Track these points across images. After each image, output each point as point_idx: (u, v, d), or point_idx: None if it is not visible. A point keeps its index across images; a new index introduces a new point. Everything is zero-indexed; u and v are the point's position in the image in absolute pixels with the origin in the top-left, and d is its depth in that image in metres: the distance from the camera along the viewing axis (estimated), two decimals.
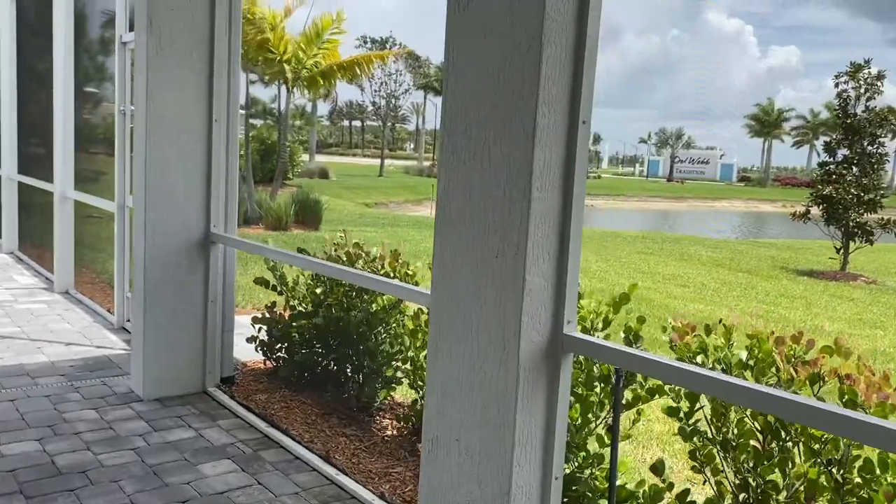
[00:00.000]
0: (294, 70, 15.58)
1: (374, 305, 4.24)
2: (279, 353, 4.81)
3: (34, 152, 8.52)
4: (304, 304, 4.71)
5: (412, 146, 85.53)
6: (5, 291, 6.95)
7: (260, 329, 4.86)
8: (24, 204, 8.95)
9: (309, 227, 15.31)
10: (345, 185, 34.91)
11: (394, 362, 4.26)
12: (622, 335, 2.90)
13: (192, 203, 4.36)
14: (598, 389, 2.90)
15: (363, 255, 4.47)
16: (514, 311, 2.22)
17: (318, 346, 4.56)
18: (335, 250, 4.54)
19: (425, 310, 3.74)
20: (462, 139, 2.35)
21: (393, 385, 4.30)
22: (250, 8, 14.76)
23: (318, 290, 4.54)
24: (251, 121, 29.92)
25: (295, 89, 16.65)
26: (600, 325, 2.99)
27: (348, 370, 4.42)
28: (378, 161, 50.90)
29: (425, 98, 67.63)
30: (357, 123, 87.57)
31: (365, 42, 60.77)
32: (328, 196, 25.27)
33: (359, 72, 17.58)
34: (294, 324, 4.65)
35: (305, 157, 37.52)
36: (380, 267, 4.34)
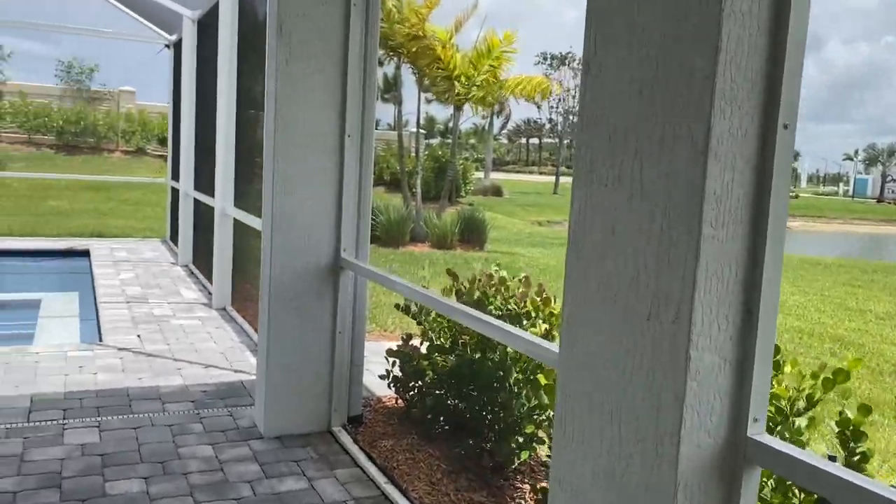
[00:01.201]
0: (464, 87, 15.37)
1: (509, 348, 3.63)
2: (412, 393, 4.32)
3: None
4: (442, 338, 4.19)
5: None
6: (168, 306, 7.08)
7: (394, 363, 4.41)
8: (199, 218, 9.28)
9: (473, 245, 14.98)
10: (517, 202, 34.52)
11: (534, 416, 3.61)
12: (833, 425, 2.07)
13: (321, 225, 3.99)
14: None
15: (502, 289, 3.87)
16: (672, 400, 1.53)
17: (450, 388, 4.01)
18: (473, 285, 3.98)
19: None
20: (602, 153, 1.70)
21: (533, 444, 3.65)
22: (422, 25, 14.75)
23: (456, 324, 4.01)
24: (428, 140, 30.42)
25: (466, 107, 16.46)
26: (802, 407, 2.18)
27: (482, 420, 3.83)
28: (553, 178, 50.18)
29: None
30: (534, 141, 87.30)
31: (545, 59, 60.44)
32: (500, 214, 24.97)
33: (530, 91, 17.08)
34: (427, 360, 4.14)
35: (479, 174, 37.62)
36: (521, 305, 3.72)
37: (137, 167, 22.80)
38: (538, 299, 3.70)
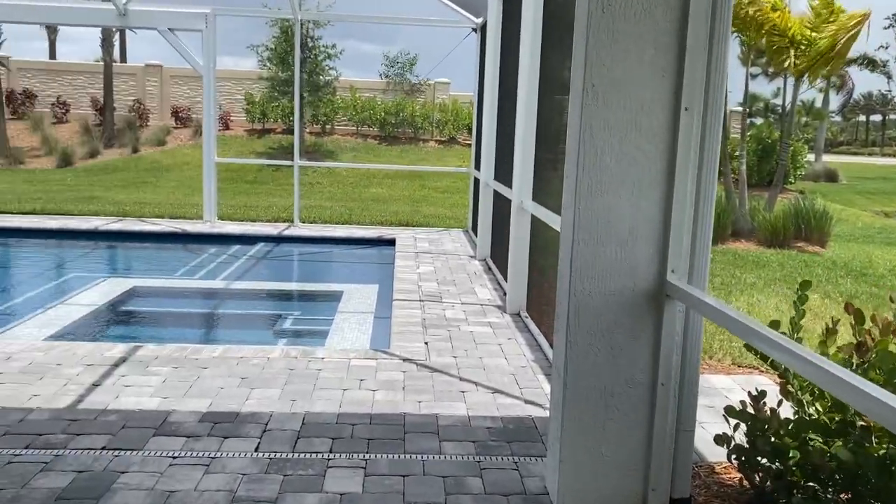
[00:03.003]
0: (801, 55, 12.91)
1: None
2: (763, 476, 3.04)
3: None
4: (819, 406, 2.86)
5: None
6: (460, 308, 6.50)
7: (736, 426, 3.17)
8: (498, 210, 8.68)
9: (813, 243, 12.55)
10: (857, 189, 29.54)
11: None
12: None
13: (640, 236, 2.89)
14: None
15: None
16: None
17: (835, 490, 2.67)
18: (888, 334, 2.57)
19: None
20: None
21: None
22: None
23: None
24: (751, 119, 27.24)
25: (801, 79, 13.93)
26: None
27: None
28: None
29: None
30: (876, 118, 75.38)
31: None
32: (836, 203, 21.32)
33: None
34: (794, 438, 2.84)
35: (811, 157, 33.00)
36: None
37: (448, 156, 23.50)
38: None
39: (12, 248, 9.83)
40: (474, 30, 10.87)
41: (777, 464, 2.94)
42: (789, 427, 2.90)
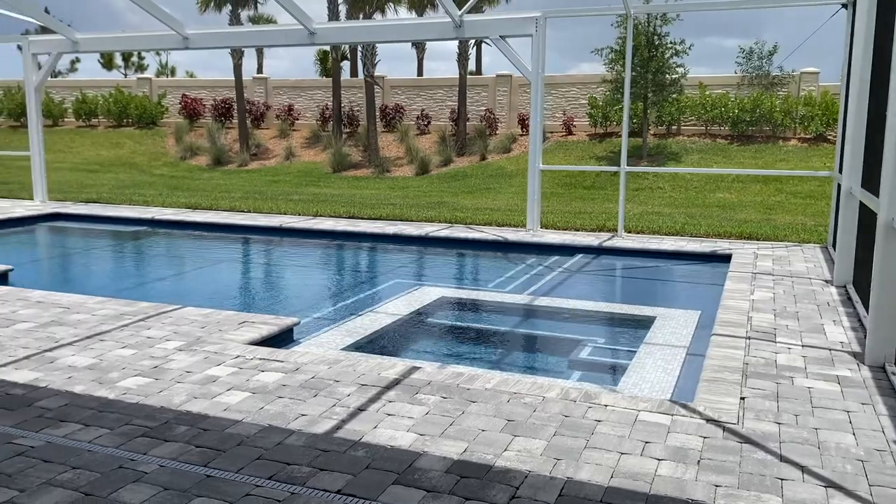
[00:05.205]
0: None
1: None
2: None
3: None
4: None
5: None
6: (798, 352, 5.16)
7: None
8: (864, 226, 6.93)
9: None
10: None
11: None
12: None
13: None
14: None
15: None
16: None
17: None
18: None
19: None
20: None
21: None
22: None
23: None
24: None
25: None
26: None
27: None
28: None
29: None
30: None
31: None
32: None
33: None
34: None
35: None
36: None
37: (814, 156, 20.48)
38: None
39: (353, 253, 10.67)
40: (844, 5, 8.97)
41: None
42: None
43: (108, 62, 52.92)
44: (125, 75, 49.97)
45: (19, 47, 13.91)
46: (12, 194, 15.65)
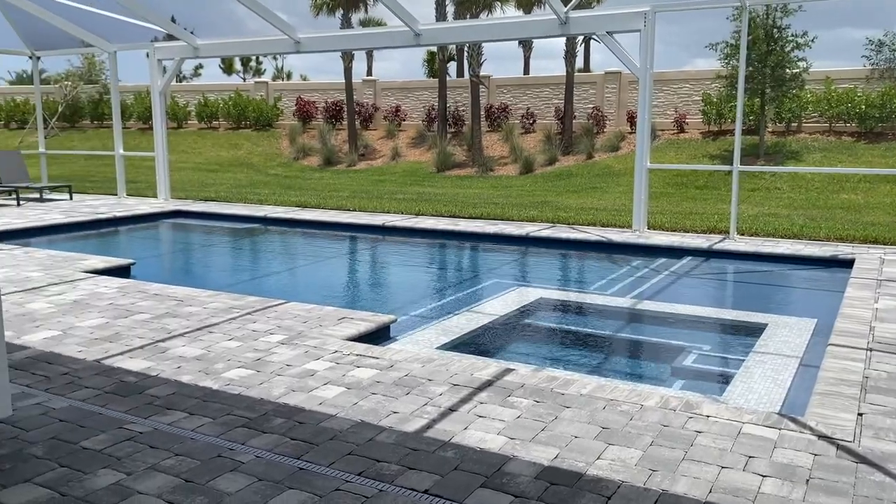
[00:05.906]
0: None
1: None
2: None
3: None
4: None
5: None
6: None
7: None
8: None
9: None
10: None
11: None
12: None
13: None
14: None
15: None
16: None
17: None
18: None
19: None
20: None
21: None
22: None
23: None
24: None
25: None
26: None
27: None
28: None
29: None
30: None
31: None
32: None
33: None
34: None
35: None
36: None
37: None
38: None
39: (453, 252, 10.70)
40: None
41: None
42: None
43: (228, 67, 55.70)
44: (244, 79, 52.44)
45: (147, 54, 14.83)
46: (139, 192, 16.70)
